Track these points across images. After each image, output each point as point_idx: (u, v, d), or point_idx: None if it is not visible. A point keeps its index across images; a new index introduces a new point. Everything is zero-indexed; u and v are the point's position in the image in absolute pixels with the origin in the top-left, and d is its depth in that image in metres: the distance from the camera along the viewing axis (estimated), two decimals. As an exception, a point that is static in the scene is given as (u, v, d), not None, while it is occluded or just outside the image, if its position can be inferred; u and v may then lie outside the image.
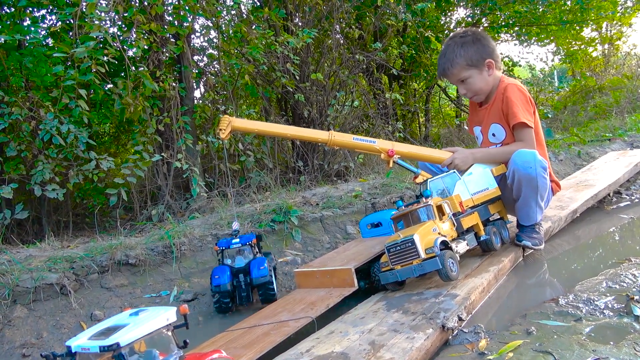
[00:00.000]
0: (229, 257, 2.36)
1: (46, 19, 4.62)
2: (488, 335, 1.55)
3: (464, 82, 2.42)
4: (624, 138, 5.10)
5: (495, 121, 2.45)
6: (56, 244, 2.96)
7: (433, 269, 1.82)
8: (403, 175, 3.85)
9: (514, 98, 2.34)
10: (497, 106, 2.43)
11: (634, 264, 2.04)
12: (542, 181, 2.21)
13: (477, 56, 2.37)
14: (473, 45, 2.37)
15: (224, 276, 2.27)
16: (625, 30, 10.78)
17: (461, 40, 2.40)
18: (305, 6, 4.91)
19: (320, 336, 1.64)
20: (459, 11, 8.35)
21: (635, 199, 3.39)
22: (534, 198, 2.26)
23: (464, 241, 2.03)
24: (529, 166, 2.18)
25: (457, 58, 2.37)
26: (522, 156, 2.21)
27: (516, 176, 2.22)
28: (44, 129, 3.18)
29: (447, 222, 1.99)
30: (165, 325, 0.98)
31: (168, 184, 4.02)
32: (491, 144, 2.49)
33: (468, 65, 2.37)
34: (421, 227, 1.90)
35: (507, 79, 2.46)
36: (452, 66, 2.39)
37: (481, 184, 2.24)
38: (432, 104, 8.87)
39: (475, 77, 2.40)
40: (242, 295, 2.31)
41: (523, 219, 2.38)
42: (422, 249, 1.83)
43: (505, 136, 2.43)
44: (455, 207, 2.04)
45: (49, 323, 2.22)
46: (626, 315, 1.54)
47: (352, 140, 2.27)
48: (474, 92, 2.45)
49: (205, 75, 4.69)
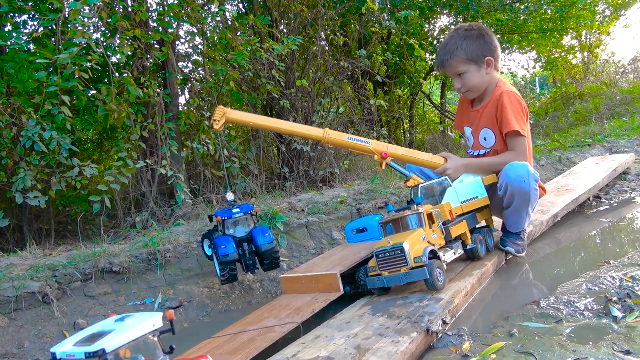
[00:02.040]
0: (230, 226, 2.31)
1: (28, 24, 4.58)
2: (471, 338, 1.57)
3: (460, 76, 2.40)
4: (603, 144, 5.22)
5: (487, 126, 2.44)
6: (38, 252, 2.92)
7: (420, 278, 1.83)
8: (388, 180, 3.89)
9: (510, 106, 2.31)
10: (490, 111, 2.40)
11: (612, 266, 2.09)
12: (534, 194, 2.25)
13: (477, 52, 2.34)
14: (476, 40, 2.35)
15: (229, 245, 2.22)
16: (604, 39, 11.05)
17: (465, 33, 2.36)
18: (290, 13, 4.94)
19: (306, 341, 1.65)
20: (442, 19, 8.47)
21: (614, 203, 3.47)
22: (525, 209, 2.29)
23: (451, 250, 2.04)
24: (522, 180, 2.19)
25: (457, 50, 2.34)
26: (515, 170, 2.21)
27: (509, 189, 2.24)
28: (26, 136, 3.14)
29: (437, 230, 2.00)
30: (152, 330, 0.98)
31: (152, 191, 3.99)
32: (481, 147, 2.49)
33: (467, 60, 2.34)
34: (411, 235, 1.90)
35: (504, 84, 2.44)
36: (452, 58, 2.36)
37: (471, 192, 2.28)
38: (417, 110, 8.95)
39: (473, 72, 2.37)
40: (248, 264, 2.28)
41: (511, 226, 2.41)
42: (410, 257, 1.84)
43: (495, 142, 2.42)
44: (445, 215, 2.06)
45: (30, 332, 2.18)
46: (605, 316, 1.58)
47: (346, 139, 2.24)
48: (468, 88, 2.42)
49: (190, 82, 4.68)
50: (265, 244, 2.26)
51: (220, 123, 2.15)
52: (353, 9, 5.87)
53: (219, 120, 2.15)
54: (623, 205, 3.41)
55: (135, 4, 3.81)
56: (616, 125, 6.52)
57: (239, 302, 2.54)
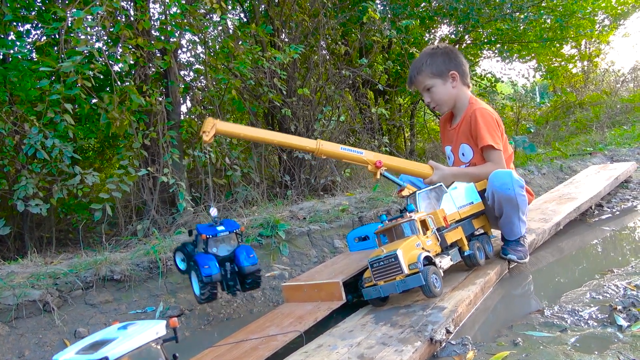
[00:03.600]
0: (213, 245, 2.22)
1: (31, 33, 4.60)
2: (475, 347, 1.56)
3: (428, 91, 2.54)
4: (604, 152, 5.22)
5: (464, 141, 2.55)
6: (39, 260, 2.91)
7: (416, 285, 1.81)
8: (390, 189, 3.88)
9: (483, 122, 2.43)
10: (465, 127, 2.53)
11: (616, 275, 2.08)
12: (521, 199, 2.28)
13: (442, 67, 2.48)
14: (440, 56, 2.50)
15: (213, 265, 2.13)
16: (603, 48, 11.11)
17: (431, 51, 2.54)
18: (291, 22, 4.97)
19: (308, 350, 1.64)
20: (442, 28, 8.52)
21: (617, 212, 3.46)
22: (515, 215, 2.32)
23: (447, 256, 2.02)
24: (507, 187, 2.24)
25: (423, 66, 2.50)
26: (499, 178, 2.27)
27: (496, 197, 2.28)
28: (28, 144, 3.14)
29: (431, 237, 1.99)
30: (155, 339, 0.97)
31: (154, 199, 3.98)
32: (462, 163, 2.58)
33: (432, 74, 2.49)
34: (404, 242, 1.89)
35: (477, 102, 2.55)
36: (418, 73, 2.52)
37: (466, 197, 2.27)
38: (417, 119, 8.98)
39: (439, 86, 2.50)
40: (229, 284, 2.19)
41: (508, 234, 2.42)
42: (405, 264, 1.82)
43: (473, 156, 2.52)
44: (439, 221, 2.05)
45: (31, 341, 2.17)
46: (610, 325, 1.57)
47: (339, 150, 2.27)
48: (437, 102, 2.56)
49: (192, 90, 4.70)
50: (249, 265, 2.17)
51: (210, 135, 2.10)
52: (354, 18, 5.91)
53: (208, 131, 2.10)
54: (625, 213, 3.40)
55: (138, 13, 3.83)
56: (617, 133, 6.53)
57: (241, 310, 2.53)
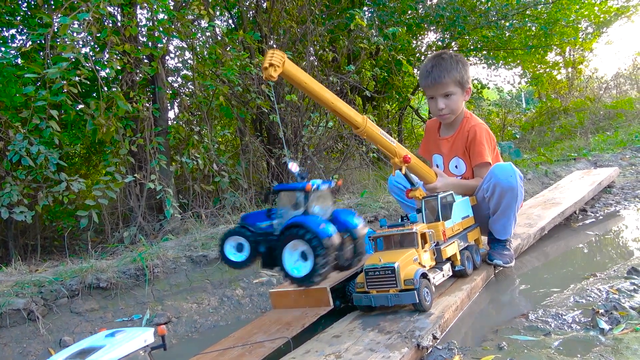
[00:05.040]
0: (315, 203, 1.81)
1: (16, 38, 4.56)
2: (461, 352, 1.57)
3: (447, 97, 2.47)
4: (588, 157, 5.30)
5: (459, 155, 2.56)
6: (23, 268, 2.87)
7: (409, 302, 1.80)
8: (377, 194, 3.90)
9: (482, 139, 2.47)
10: (460, 141, 2.53)
11: (599, 279, 2.12)
12: (521, 192, 2.33)
13: (465, 77, 2.47)
14: (464, 67, 2.48)
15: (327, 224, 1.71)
16: (587, 55, 11.30)
17: (456, 58, 2.49)
18: (279, 29, 4.99)
19: (296, 356, 1.64)
20: (429, 35, 8.61)
21: (600, 216, 3.52)
22: (513, 207, 2.34)
23: (440, 271, 2.01)
24: (509, 175, 2.27)
25: (453, 71, 2.44)
26: (501, 168, 2.32)
27: (497, 189, 2.30)
28: (13, 150, 3.11)
29: (428, 251, 1.98)
30: (143, 347, 0.97)
31: (141, 206, 3.96)
32: (452, 175, 2.58)
33: (458, 82, 2.46)
34: (403, 255, 1.86)
35: (472, 116, 2.58)
36: (448, 76, 2.43)
37: (464, 210, 2.31)
38: (405, 125, 9.04)
39: (458, 96, 2.48)
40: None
41: (500, 232, 2.44)
42: (401, 279, 1.80)
43: (466, 170, 2.55)
44: (438, 235, 2.05)
45: (15, 350, 2.14)
46: (592, 328, 1.59)
47: (379, 132, 2.09)
48: (451, 110, 2.50)
49: (180, 96, 4.69)
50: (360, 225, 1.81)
51: (278, 71, 1.69)
52: (342, 25, 5.95)
53: (279, 66, 1.68)
54: (608, 218, 3.46)
55: (125, 19, 3.82)
56: (600, 139, 6.64)
57: (228, 317, 2.52)
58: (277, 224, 1.81)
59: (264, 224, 1.85)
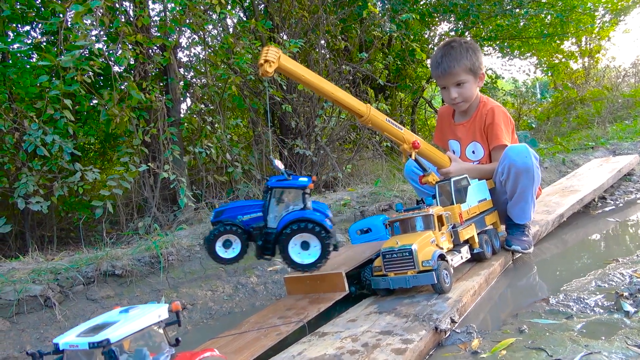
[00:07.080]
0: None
1: (30, 34, 4.59)
2: (480, 335, 1.54)
3: (459, 86, 2.44)
4: (607, 146, 5.19)
5: (476, 139, 2.52)
6: (40, 258, 2.90)
7: (428, 283, 1.80)
8: (391, 183, 3.87)
9: (500, 121, 2.43)
10: (478, 125, 2.50)
11: (621, 264, 2.06)
12: (537, 172, 2.28)
13: (477, 64, 2.43)
14: (475, 53, 2.44)
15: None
16: (604, 44, 11.08)
17: (466, 45, 2.44)
18: (291, 19, 4.95)
19: (312, 339, 1.62)
20: (442, 25, 8.51)
21: (620, 204, 3.44)
22: (530, 190, 2.30)
23: (459, 254, 2.00)
24: (524, 156, 2.23)
25: (464, 59, 2.40)
26: (515, 149, 2.28)
27: (512, 170, 2.26)
28: (28, 140, 3.13)
29: (446, 233, 1.97)
30: (157, 322, 0.95)
31: (155, 196, 3.97)
32: (469, 161, 2.54)
33: (469, 70, 2.42)
34: (420, 237, 1.86)
35: (489, 100, 2.53)
36: (458, 65, 2.40)
37: (482, 193, 2.28)
38: (418, 115, 8.96)
39: (471, 83, 2.45)
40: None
41: (518, 216, 2.40)
42: (419, 260, 1.80)
43: (484, 155, 2.51)
44: (455, 218, 2.03)
45: (32, 336, 2.15)
46: (616, 311, 1.55)
47: (385, 120, 2.09)
48: (464, 98, 2.47)
49: (192, 87, 4.68)
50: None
51: (273, 67, 1.73)
52: (354, 15, 5.89)
53: (274, 61, 1.72)
54: (629, 205, 3.38)
55: (137, 9, 3.82)
56: (619, 128, 6.49)
57: (243, 304, 2.52)
58: (272, 218, 1.91)
59: (246, 216, 1.92)
